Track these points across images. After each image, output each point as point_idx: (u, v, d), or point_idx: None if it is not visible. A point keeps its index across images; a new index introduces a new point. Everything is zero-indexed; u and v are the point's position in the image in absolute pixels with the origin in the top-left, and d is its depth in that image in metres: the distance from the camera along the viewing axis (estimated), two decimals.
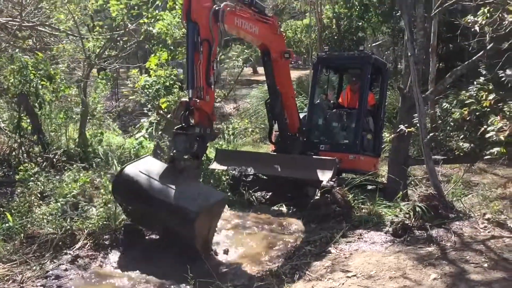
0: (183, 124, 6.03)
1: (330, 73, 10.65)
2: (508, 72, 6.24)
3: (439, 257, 4.70)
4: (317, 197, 7.28)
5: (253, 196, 7.98)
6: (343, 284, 4.38)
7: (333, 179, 7.33)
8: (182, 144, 5.84)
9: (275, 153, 8.99)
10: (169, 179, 5.63)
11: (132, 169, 5.91)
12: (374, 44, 21.35)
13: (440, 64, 18.24)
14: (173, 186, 5.52)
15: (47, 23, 10.37)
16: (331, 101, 10.09)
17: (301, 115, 9.40)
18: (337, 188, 7.09)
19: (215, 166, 8.50)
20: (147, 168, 5.85)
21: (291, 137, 8.68)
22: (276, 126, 8.93)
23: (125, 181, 5.87)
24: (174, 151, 5.87)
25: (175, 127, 6.15)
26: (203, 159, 9.52)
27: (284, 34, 9.51)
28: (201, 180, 8.11)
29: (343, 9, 19.48)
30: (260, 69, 30.09)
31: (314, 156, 8.39)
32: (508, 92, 6.29)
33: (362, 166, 8.71)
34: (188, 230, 5.31)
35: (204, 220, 5.42)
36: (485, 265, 4.41)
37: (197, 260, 5.19)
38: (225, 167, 8.33)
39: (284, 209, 7.73)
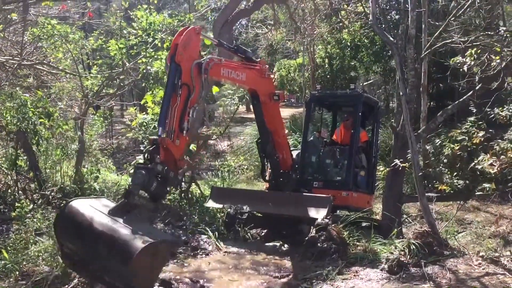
0: (148, 161, 5.70)
1: (322, 111, 10.84)
2: None
3: None
4: (311, 234, 7.30)
5: (249, 233, 8.00)
6: None
7: (328, 217, 7.39)
8: (140, 178, 5.44)
9: (269, 191, 9.06)
10: (117, 213, 5.15)
11: (80, 203, 5.46)
12: (366, 83, 21.79)
13: (431, 103, 18.63)
14: (120, 220, 5.02)
15: (45, 62, 10.58)
16: (324, 139, 10.23)
17: (295, 153, 9.54)
18: (332, 225, 7.14)
19: (210, 204, 8.54)
20: (99, 204, 5.42)
21: (284, 174, 8.74)
22: (268, 164, 9.03)
23: (70, 215, 5.30)
24: (130, 184, 5.62)
25: (137, 163, 5.94)
26: (198, 196, 9.66)
27: (273, 76, 9.71)
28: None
29: (335, 49, 20.02)
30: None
31: (308, 194, 8.45)
32: (498, 130, 6.48)
33: (356, 202, 8.77)
34: (128, 267, 4.70)
35: (146, 260, 4.81)
36: None
37: None
38: (220, 205, 8.39)
39: (278, 245, 7.75)
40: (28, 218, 6.75)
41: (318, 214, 7.45)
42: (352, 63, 19.89)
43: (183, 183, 9.40)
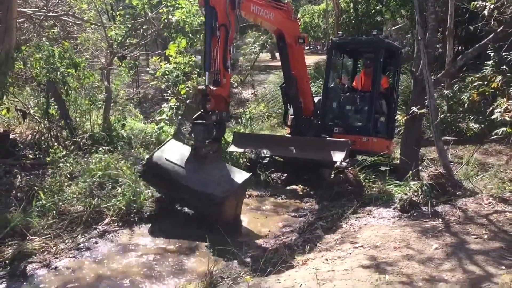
0: (201, 111, 6.37)
1: (344, 57, 10.83)
2: None
3: (442, 230, 4.98)
4: (331, 178, 7.57)
5: (270, 177, 8.32)
6: (350, 253, 4.71)
7: (346, 160, 7.62)
8: (201, 134, 6.18)
9: (290, 136, 9.30)
10: (193, 165, 6.10)
11: (158, 157, 6.41)
12: (393, 28, 21.25)
13: (460, 47, 18.17)
14: (198, 173, 5.99)
15: (70, 13, 10.79)
16: (345, 85, 10.30)
17: (316, 99, 9.68)
18: (349, 168, 7.38)
19: (232, 148, 8.84)
20: (173, 155, 6.34)
21: (305, 120, 8.96)
22: (291, 110, 9.24)
23: (153, 169, 6.41)
24: (195, 141, 6.28)
25: (194, 116, 6.49)
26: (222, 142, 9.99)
27: (299, 20, 9.76)
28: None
29: None
30: (278, 55, 30.29)
31: (327, 138, 8.66)
32: None
33: (375, 147, 8.92)
34: (215, 213, 5.81)
35: (230, 203, 5.88)
36: (485, 236, 4.68)
37: (214, 229, 5.57)
38: (242, 150, 8.68)
39: (299, 189, 8.06)
40: (62, 163, 7.21)
41: (337, 157, 7.69)
42: (378, 7, 19.36)
43: None
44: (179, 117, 10.31)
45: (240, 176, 6.18)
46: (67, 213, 6.02)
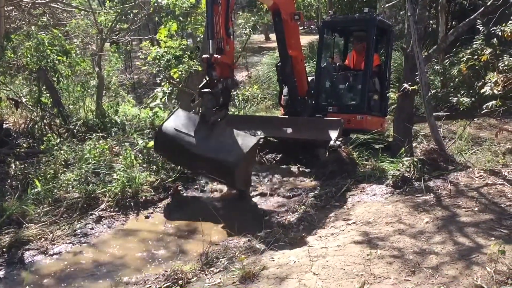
0: (207, 79, 6.51)
1: (336, 36, 10.77)
2: None
3: (434, 204, 5.04)
4: (326, 157, 7.61)
5: (264, 158, 8.36)
6: (343, 230, 4.77)
7: (340, 139, 7.65)
8: (209, 102, 6.39)
9: (283, 116, 9.30)
10: (203, 133, 6.33)
11: (167, 128, 6.57)
12: (387, 5, 21.08)
13: (453, 22, 18.08)
14: (209, 141, 6.26)
15: (59, 0, 10.70)
16: (338, 64, 10.26)
17: (310, 79, 9.66)
18: (343, 147, 7.42)
19: None
20: (182, 125, 6.53)
21: (300, 100, 8.97)
22: (285, 90, 9.24)
23: (164, 139, 6.58)
24: (203, 109, 6.51)
25: (200, 85, 6.62)
26: None
27: None
28: None
29: None
30: (272, 36, 30.04)
31: (320, 117, 8.67)
32: (506, 47, 6.44)
33: (370, 125, 8.94)
34: (230, 178, 6.22)
35: (242, 166, 6.24)
36: (476, 209, 4.74)
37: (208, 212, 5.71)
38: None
39: (294, 168, 8.11)
40: (56, 150, 7.23)
41: (330, 135, 7.73)
42: None
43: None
44: (173, 101, 10.30)
45: (249, 140, 6.43)
46: (63, 200, 6.07)
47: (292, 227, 5.21)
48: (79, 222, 5.72)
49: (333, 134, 7.72)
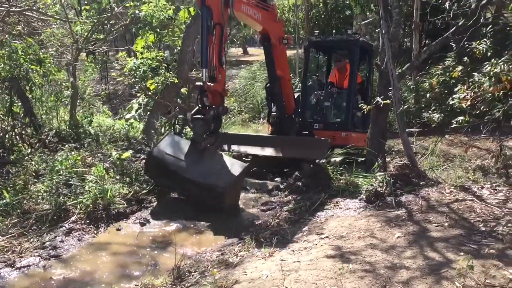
0: (199, 106, 6.76)
1: (320, 55, 11.21)
2: None
3: (405, 219, 5.10)
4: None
5: None
6: (316, 244, 4.78)
7: (325, 157, 7.80)
8: (200, 128, 6.63)
9: (272, 135, 9.56)
10: (193, 158, 6.56)
11: (159, 152, 6.81)
12: (363, 22, 21.48)
13: (427, 41, 18.50)
14: (199, 165, 6.46)
15: (34, 8, 10.54)
16: (323, 82, 10.63)
17: (295, 95, 9.93)
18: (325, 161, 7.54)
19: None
20: (172, 149, 6.78)
21: (287, 118, 9.28)
22: (274, 108, 9.47)
23: (155, 163, 6.79)
24: (195, 134, 6.75)
25: (192, 111, 6.84)
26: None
27: (282, 20, 10.09)
28: None
29: None
30: (250, 50, 30.24)
31: (309, 138, 9.05)
32: (476, 65, 6.61)
33: (354, 142, 9.14)
34: (219, 202, 6.35)
35: (231, 191, 6.51)
36: (446, 224, 4.82)
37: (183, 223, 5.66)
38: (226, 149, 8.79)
39: (269, 182, 8.12)
40: (26, 161, 7.08)
41: (318, 155, 7.86)
42: (347, 2, 19.56)
43: (177, 126, 9.90)
44: (148, 112, 10.22)
45: (238, 166, 6.65)
46: (32, 212, 5.93)
47: (265, 241, 5.19)
48: (48, 235, 5.59)
49: (320, 153, 7.84)
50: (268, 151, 8.60)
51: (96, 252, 5.33)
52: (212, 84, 6.69)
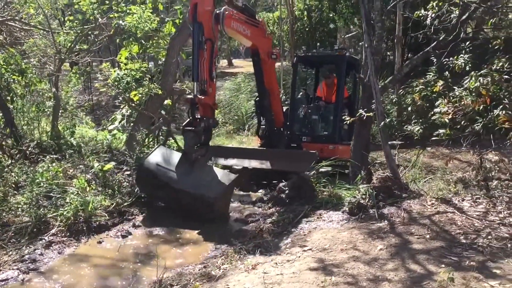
0: (190, 118, 6.91)
1: (308, 69, 11.41)
2: None
3: (388, 231, 5.12)
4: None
5: None
6: (299, 257, 4.77)
7: (311, 169, 7.85)
8: (191, 140, 6.80)
9: (262, 148, 9.68)
10: (185, 169, 6.68)
11: (150, 163, 6.93)
12: (347, 35, 21.72)
13: (409, 55, 18.77)
14: (189, 176, 6.58)
15: (17, 18, 10.46)
16: (310, 96, 10.80)
17: (284, 109, 10.08)
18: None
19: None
20: (163, 160, 6.93)
21: (276, 131, 9.46)
22: (263, 122, 9.67)
23: (146, 174, 6.89)
24: (185, 146, 6.91)
25: (184, 124, 6.98)
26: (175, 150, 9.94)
27: (271, 36, 10.33)
28: None
29: (313, 1, 19.88)
30: (235, 62, 30.37)
31: (297, 150, 9.31)
32: (457, 79, 6.73)
33: (341, 154, 9.21)
34: (209, 211, 6.51)
35: (221, 201, 6.69)
36: (427, 236, 4.85)
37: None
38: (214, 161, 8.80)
39: (252, 194, 8.12)
40: (6, 172, 6.96)
41: (306, 167, 7.92)
42: (331, 16, 19.80)
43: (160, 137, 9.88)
44: (131, 124, 10.15)
45: (227, 178, 6.88)
46: (11, 224, 5.84)
47: (248, 253, 5.17)
48: (28, 248, 5.49)
49: (308, 165, 7.92)
50: (257, 164, 8.71)
51: (76, 265, 5.25)
52: (203, 97, 6.86)
